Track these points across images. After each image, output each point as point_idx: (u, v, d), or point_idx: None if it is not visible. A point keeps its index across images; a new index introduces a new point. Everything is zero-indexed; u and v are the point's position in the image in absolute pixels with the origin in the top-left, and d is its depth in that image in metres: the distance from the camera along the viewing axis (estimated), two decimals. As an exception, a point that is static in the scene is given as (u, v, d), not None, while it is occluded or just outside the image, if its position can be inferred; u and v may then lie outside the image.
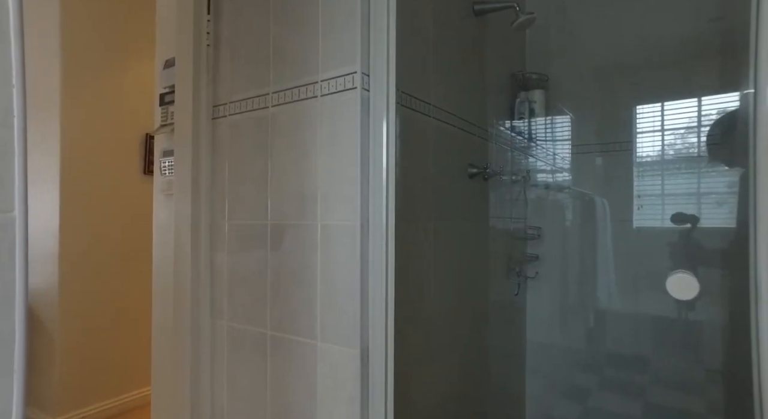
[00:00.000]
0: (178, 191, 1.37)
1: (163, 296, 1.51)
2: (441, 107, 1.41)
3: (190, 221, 1.32)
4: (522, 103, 1.83)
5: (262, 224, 1.23)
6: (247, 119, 1.27)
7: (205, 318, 1.34)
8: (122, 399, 2.45)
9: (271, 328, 1.20)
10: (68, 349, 2.25)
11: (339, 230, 1.07)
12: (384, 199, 1.05)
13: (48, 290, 2.27)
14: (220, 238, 1.33)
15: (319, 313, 1.11)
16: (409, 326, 1.24)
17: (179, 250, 1.36)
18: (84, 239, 2.29)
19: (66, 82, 2.24)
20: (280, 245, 1.19)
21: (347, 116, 1.07)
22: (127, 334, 2.46)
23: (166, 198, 1.48)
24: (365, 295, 1.06)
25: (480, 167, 1.59)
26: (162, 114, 1.50)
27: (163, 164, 1.49)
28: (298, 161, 1.16)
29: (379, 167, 1.06)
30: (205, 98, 1.34)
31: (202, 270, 1.33)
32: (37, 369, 2.34)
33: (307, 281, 1.13)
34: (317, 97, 1.13)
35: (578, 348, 1.96)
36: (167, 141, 1.49)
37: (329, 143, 1.10)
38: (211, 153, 1.35)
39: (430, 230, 1.37)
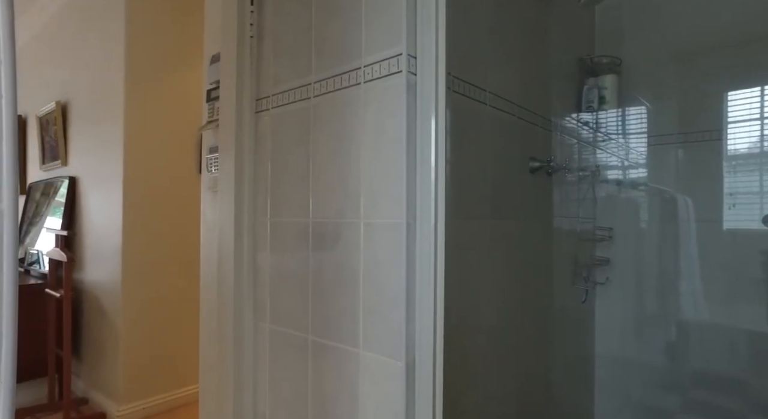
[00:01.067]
0: (222, 187, 1.33)
1: (209, 294, 1.49)
2: (499, 94, 1.28)
3: (233, 219, 1.28)
4: (590, 90, 1.64)
5: (304, 223, 1.16)
6: (288, 112, 1.21)
7: (249, 319, 1.29)
8: (184, 392, 2.50)
9: (313, 333, 1.13)
10: (131, 342, 2.32)
11: (383, 229, 0.98)
12: (432, 195, 0.94)
13: (113, 284, 2.36)
14: (262, 236, 1.28)
15: (361, 319, 1.02)
16: (460, 336, 1.12)
17: (223, 248, 1.32)
18: (143, 236, 2.36)
19: (129, 87, 2.32)
20: (321, 245, 1.11)
21: (392, 104, 0.97)
22: (185, 330, 2.51)
23: (213, 195, 1.46)
24: (411, 301, 0.95)
25: (543, 161, 1.43)
26: (209, 110, 1.48)
27: (209, 161, 1.47)
28: (340, 154, 1.08)
29: (427, 160, 0.95)
30: (248, 91, 1.30)
31: (245, 269, 1.29)
32: (105, 358, 2.44)
33: (349, 284, 1.05)
34: (360, 84, 1.04)
35: (657, 364, 1.74)
36: (213, 137, 1.47)
37: (373, 133, 1.01)
38: (254, 148, 1.31)
39: (486, 230, 1.24)
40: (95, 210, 2.56)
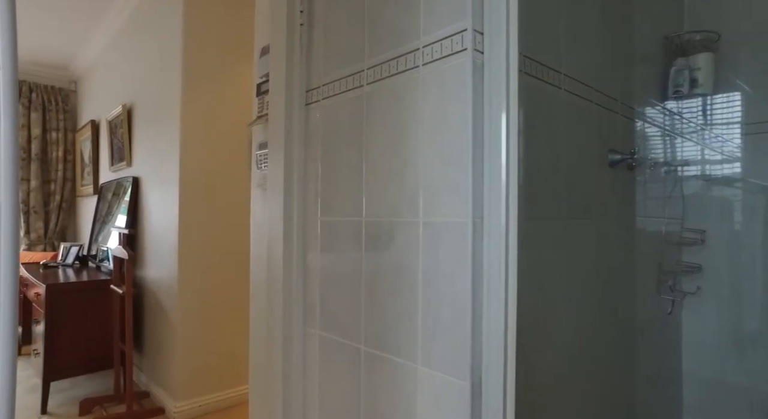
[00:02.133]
0: (271, 185, 1.27)
1: (258, 296, 1.44)
2: (574, 77, 1.12)
3: (282, 218, 1.22)
4: (679, 72, 1.43)
5: (356, 222, 1.06)
6: (340, 102, 1.12)
7: (298, 324, 1.22)
8: (239, 392, 2.50)
9: (366, 343, 1.03)
10: (187, 339, 2.35)
11: (445, 230, 0.86)
12: (503, 191, 0.81)
13: (170, 281, 2.40)
14: (312, 236, 1.20)
15: (420, 331, 0.91)
16: (533, 352, 0.98)
17: (272, 249, 1.26)
18: (198, 235, 2.38)
19: (186, 86, 2.35)
20: (375, 246, 1.01)
21: (455, 87, 0.86)
22: (240, 329, 2.52)
23: (262, 193, 1.41)
24: (478, 312, 0.83)
25: (624, 153, 1.26)
26: (258, 105, 1.43)
27: (259, 158, 1.41)
28: (396, 147, 0.97)
29: (496, 151, 0.83)
30: (298, 82, 1.23)
31: (294, 271, 1.21)
32: (163, 354, 2.50)
33: (406, 291, 0.94)
34: (418, 67, 0.93)
35: (759, 388, 1.50)
36: (263, 133, 1.41)
37: (433, 122, 0.90)
38: (304, 142, 1.23)
39: (560, 231, 1.10)
40: (155, 209, 2.62)
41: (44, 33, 3.78)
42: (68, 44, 3.99)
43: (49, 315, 2.43)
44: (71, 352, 2.48)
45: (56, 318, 2.45)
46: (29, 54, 4.26)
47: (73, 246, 3.42)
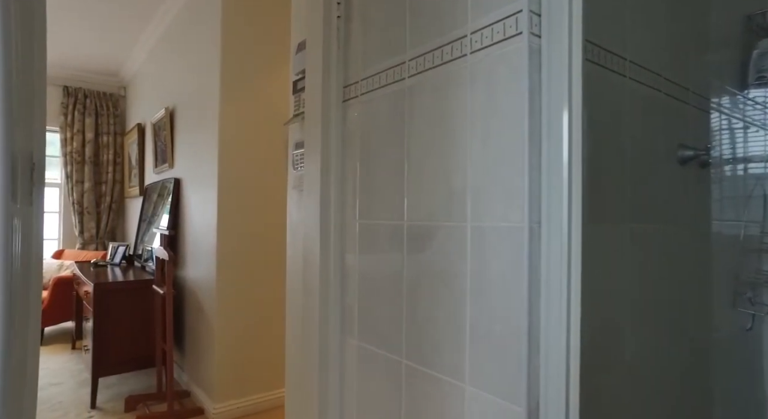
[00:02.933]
0: (307, 185, 1.22)
1: (294, 301, 1.39)
2: (641, 64, 1.00)
3: (318, 220, 1.16)
4: (764, 55, 1.27)
5: (397, 225, 0.99)
6: (379, 97, 1.05)
7: (335, 333, 1.16)
8: (277, 395, 2.48)
9: (407, 356, 0.95)
10: (225, 340, 2.35)
11: (497, 235, 0.77)
12: (565, 192, 0.71)
13: (209, 282, 2.41)
14: (350, 240, 1.13)
15: (468, 347, 0.82)
16: (597, 374, 0.87)
17: (308, 252, 1.20)
18: (236, 236, 2.38)
19: (224, 87, 2.35)
20: (418, 252, 0.93)
21: (509, 77, 0.77)
22: (279, 331, 2.50)
23: (298, 194, 1.36)
24: (535, 328, 0.74)
25: (696, 149, 1.12)
26: (294, 103, 1.38)
27: (295, 158, 1.36)
28: (442, 144, 0.89)
29: (556, 148, 0.73)
30: (335, 78, 1.16)
31: (331, 277, 1.15)
32: (202, 355, 2.51)
33: (452, 302, 0.85)
34: (466, 55, 0.84)
35: None
36: (299, 132, 1.36)
37: (482, 116, 0.81)
38: (342, 140, 1.17)
39: (625, 236, 0.98)
40: (195, 210, 2.65)
41: (96, 42, 3.92)
42: (118, 52, 4.13)
43: (97, 312, 2.49)
44: (117, 349, 2.54)
45: (103, 315, 2.51)
46: (85, 62, 4.45)
47: (120, 246, 3.53)
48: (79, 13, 3.36)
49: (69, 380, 2.94)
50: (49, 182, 4.90)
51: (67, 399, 2.65)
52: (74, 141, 4.60)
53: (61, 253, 4.44)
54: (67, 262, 4.10)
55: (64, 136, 4.61)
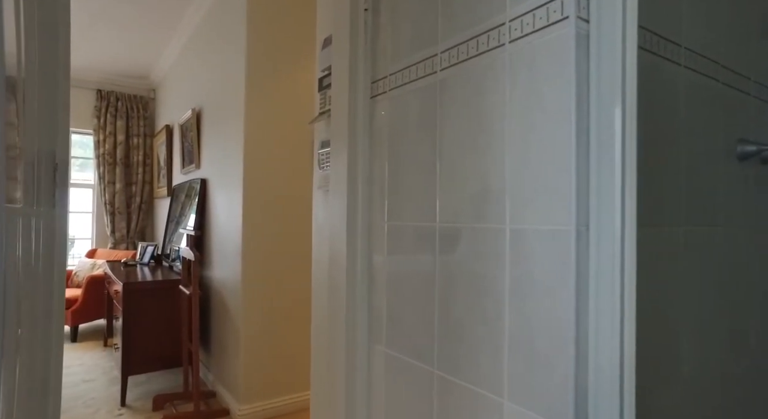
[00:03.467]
0: (333, 185, 1.17)
1: (320, 305, 1.35)
2: (697, 51, 0.92)
3: (345, 222, 1.11)
4: (830, 41, 1.15)
5: (428, 228, 0.93)
6: (409, 92, 0.99)
7: (362, 339, 1.11)
8: (303, 397, 2.46)
9: (439, 366, 0.90)
10: (250, 341, 2.34)
11: (540, 238, 0.71)
12: (617, 193, 0.65)
13: (234, 283, 2.40)
14: (378, 243, 1.08)
15: (506, 359, 0.76)
16: (657, 391, 0.79)
17: (334, 255, 1.16)
18: (261, 236, 2.36)
19: (249, 86, 2.33)
20: (451, 257, 0.87)
21: (553, 67, 0.70)
22: (304, 333, 2.47)
23: (324, 195, 1.31)
24: (582, 340, 0.67)
25: (760, 143, 1.02)
26: (320, 100, 1.34)
27: (321, 157, 1.32)
28: (477, 141, 0.83)
29: (608, 144, 0.66)
30: (362, 73, 1.12)
31: (358, 281, 1.10)
32: (228, 355, 2.51)
33: (489, 310, 0.79)
34: (504, 45, 0.78)
35: None
36: (325, 130, 1.32)
37: (522, 110, 0.74)
38: (369, 139, 1.12)
39: (682, 240, 0.89)
40: (221, 210, 2.65)
41: (128, 46, 4.00)
42: (148, 55, 4.21)
43: (126, 311, 2.52)
44: (145, 348, 2.57)
45: (132, 315, 2.54)
46: (117, 66, 4.55)
47: (149, 246, 3.58)
48: (112, 19, 3.43)
49: (101, 377, 3.00)
50: (85, 183, 5.04)
51: (99, 395, 2.69)
52: (106, 143, 4.71)
53: (94, 252, 4.55)
54: (99, 261, 4.19)
55: (97, 138, 4.73)
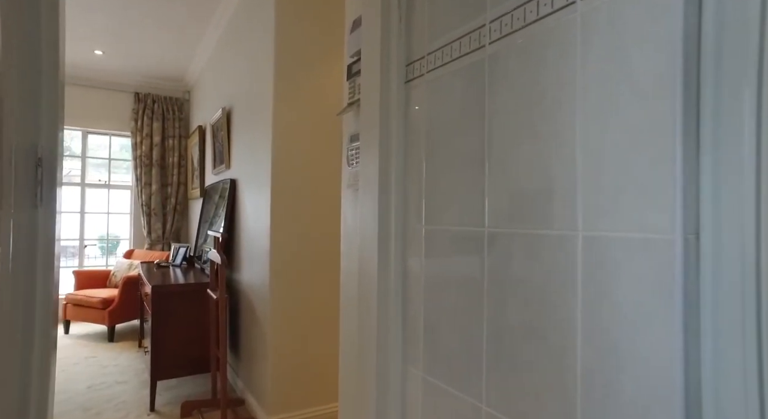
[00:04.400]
0: (363, 184, 1.03)
1: (349, 315, 1.22)
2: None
3: (376, 225, 0.97)
4: None
5: (475, 233, 0.77)
6: (451, 73, 0.84)
7: (395, 359, 0.96)
8: (330, 409, 2.34)
9: (488, 402, 0.74)
10: (278, 349, 2.24)
11: (627, 249, 0.54)
12: (750, 191, 0.47)
13: (262, 287, 2.31)
14: (414, 250, 0.94)
15: (579, 402, 0.60)
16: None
17: (364, 263, 1.02)
18: (290, 239, 2.26)
19: (278, 82, 2.24)
20: (503, 270, 0.72)
21: (646, 23, 0.53)
22: (334, 342, 2.36)
23: (353, 194, 1.18)
24: (694, 390, 0.50)
25: None
26: (349, 89, 1.20)
27: (350, 153, 1.19)
28: (537, 126, 0.67)
29: (731, 128, 0.49)
30: (396, 55, 0.97)
31: (391, 295, 0.96)
32: (256, 362, 2.42)
33: (553, 338, 0.63)
34: (575, 3, 0.62)
35: None
36: (354, 122, 1.18)
37: (601, 84, 0.58)
38: (404, 130, 0.97)
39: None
40: (250, 211, 2.57)
41: (161, 49, 4.02)
42: (182, 57, 4.22)
43: (155, 315, 2.48)
44: (174, 353, 2.52)
45: (161, 318, 2.50)
46: (153, 69, 4.60)
47: (181, 247, 3.56)
48: (147, 24, 3.43)
49: (133, 378, 2.98)
50: (123, 185, 5.13)
51: (130, 398, 2.66)
52: (143, 145, 4.77)
53: (131, 253, 4.61)
54: (135, 262, 4.23)
55: (134, 140, 4.80)
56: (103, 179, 5.13)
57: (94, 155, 5.08)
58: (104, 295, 3.88)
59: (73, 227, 4.90)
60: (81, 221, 4.92)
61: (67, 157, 5.29)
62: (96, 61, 4.38)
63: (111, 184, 5.10)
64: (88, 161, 5.00)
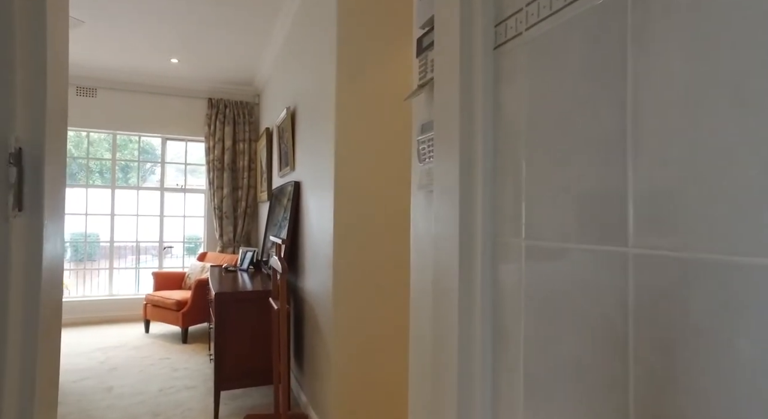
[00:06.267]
0: (438, 185, 0.81)
1: (420, 346, 0.99)
2: None
3: (456, 239, 0.74)
4: None
5: (610, 255, 0.52)
6: (566, 24, 0.59)
7: (484, 407, 0.72)
8: (398, 425, 2.14)
9: None
10: (342, 363, 2.07)
11: None
12: None
13: (325, 297, 2.15)
14: (509, 271, 0.69)
15: None
16: None
17: (440, 285, 0.79)
18: (354, 244, 2.08)
19: (341, 76, 2.07)
20: (663, 315, 0.46)
21: None
22: (403, 356, 2.15)
23: (426, 197, 0.96)
24: None
25: None
26: (419, 68, 0.98)
27: (421, 146, 0.96)
28: (742, 88, 0.40)
29: None
30: (481, 13, 0.73)
31: (476, 331, 0.72)
32: (319, 377, 2.27)
33: None
34: None
35: None
36: (426, 108, 0.96)
37: None
38: (493, 111, 0.73)
39: None
40: (313, 215, 2.43)
41: (232, 54, 4.06)
42: (250, 61, 4.24)
43: (218, 322, 2.41)
44: (237, 363, 2.44)
45: (224, 326, 2.43)
46: (224, 75, 4.69)
47: (248, 251, 3.54)
48: (217, 30, 3.45)
49: (201, 384, 2.97)
50: (197, 189, 5.30)
51: (196, 406, 2.63)
52: (215, 149, 4.88)
53: (204, 255, 4.72)
54: (207, 264, 4.31)
55: (207, 145, 4.92)
56: (180, 183, 5.33)
57: (173, 160, 5.29)
58: (178, 297, 3.98)
59: (153, 229, 5.14)
60: (161, 224, 5.13)
61: (149, 162, 5.57)
62: (172, 69, 4.54)
63: (187, 188, 5.29)
64: (167, 166, 5.22)
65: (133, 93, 4.86)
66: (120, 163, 5.73)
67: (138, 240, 5.22)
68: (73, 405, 2.66)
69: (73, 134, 4.85)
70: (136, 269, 5.41)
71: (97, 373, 3.23)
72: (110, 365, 3.41)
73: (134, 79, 4.77)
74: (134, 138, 5.23)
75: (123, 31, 3.65)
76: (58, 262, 0.62)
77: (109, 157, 5.15)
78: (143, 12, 3.27)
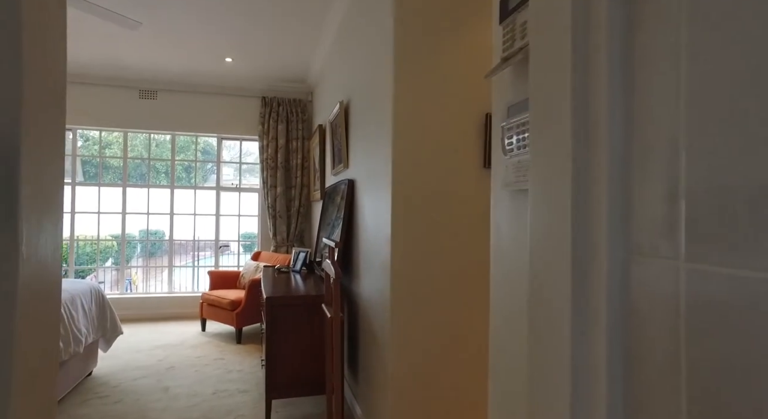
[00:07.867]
0: (536, 183, 0.61)
1: (504, 362, 0.80)
2: None
3: (568, 253, 0.54)
4: None
5: None
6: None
7: None
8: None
9: None
10: (399, 374, 1.90)
11: None
12: None
13: (381, 303, 1.99)
14: (655, 301, 0.48)
15: None
16: None
17: (537, 305, 0.59)
18: (413, 247, 1.90)
19: (399, 66, 1.89)
20: None
21: None
22: (470, 373, 1.95)
23: (514, 198, 0.76)
24: None
25: None
26: (504, 37, 0.78)
27: (506, 133, 0.76)
28: None
29: None
30: (606, -60, 0.53)
31: (602, 392, 0.52)
32: (375, 387, 2.12)
33: None
34: None
35: None
36: (513, 86, 0.76)
37: None
38: (622, 77, 0.52)
39: None
40: (368, 215, 2.27)
41: (285, 51, 4.00)
42: (303, 58, 4.17)
43: (270, 328, 2.32)
44: (288, 371, 2.33)
45: (275, 332, 2.33)
46: (278, 72, 4.66)
47: (301, 252, 3.45)
48: (270, 27, 3.39)
49: (253, 389, 2.91)
50: (251, 187, 5.33)
51: (248, 412, 2.56)
52: (269, 148, 4.87)
53: (258, 255, 4.72)
54: (261, 264, 4.29)
55: (261, 143, 4.92)
56: (235, 182, 5.39)
57: (230, 160, 5.35)
58: (233, 297, 3.98)
59: (210, 228, 5.22)
60: (216, 222, 5.21)
61: (209, 162, 5.67)
62: (227, 68, 4.56)
63: (241, 187, 5.34)
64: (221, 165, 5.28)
65: (190, 94, 4.95)
66: (183, 163, 5.89)
67: (195, 238, 5.34)
68: (131, 405, 2.67)
69: (143, 137, 5.01)
70: (194, 267, 5.53)
71: (156, 371, 3.27)
72: (168, 363, 3.45)
73: (191, 80, 4.85)
74: (197, 138, 5.35)
75: (179, 32, 3.68)
76: (52, 276, 0.49)
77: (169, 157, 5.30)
78: (200, 9, 3.26)
